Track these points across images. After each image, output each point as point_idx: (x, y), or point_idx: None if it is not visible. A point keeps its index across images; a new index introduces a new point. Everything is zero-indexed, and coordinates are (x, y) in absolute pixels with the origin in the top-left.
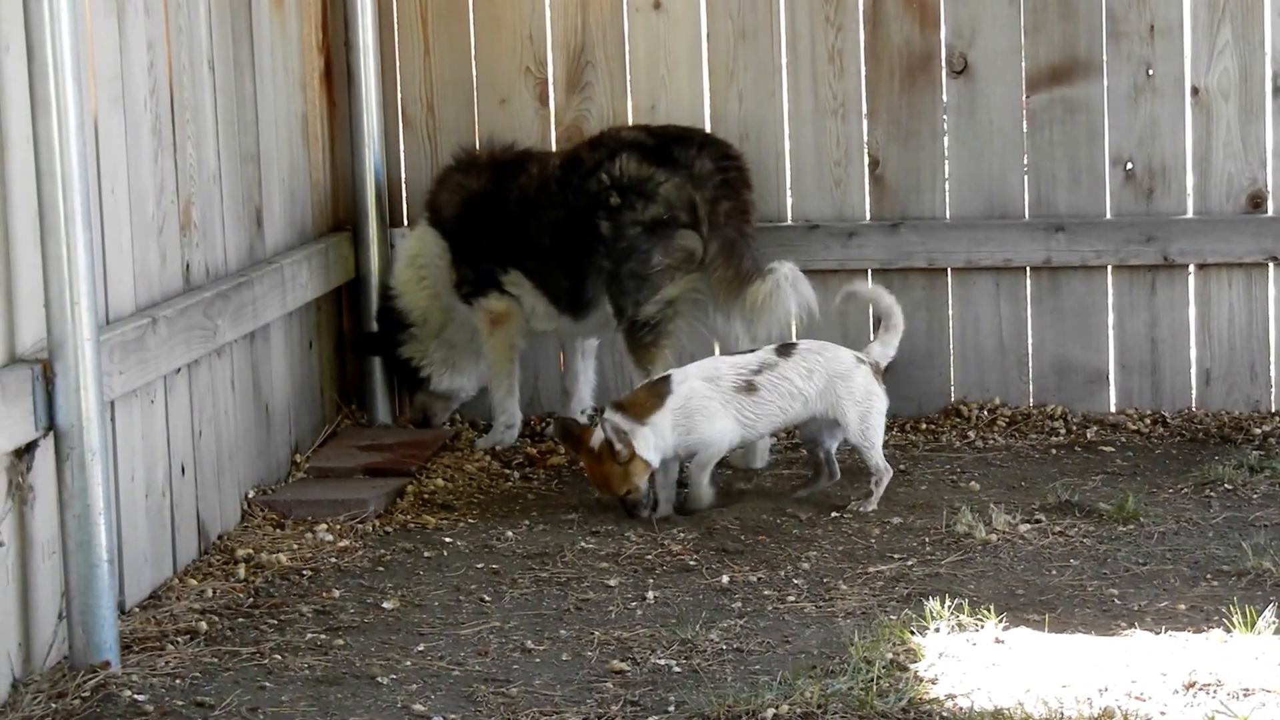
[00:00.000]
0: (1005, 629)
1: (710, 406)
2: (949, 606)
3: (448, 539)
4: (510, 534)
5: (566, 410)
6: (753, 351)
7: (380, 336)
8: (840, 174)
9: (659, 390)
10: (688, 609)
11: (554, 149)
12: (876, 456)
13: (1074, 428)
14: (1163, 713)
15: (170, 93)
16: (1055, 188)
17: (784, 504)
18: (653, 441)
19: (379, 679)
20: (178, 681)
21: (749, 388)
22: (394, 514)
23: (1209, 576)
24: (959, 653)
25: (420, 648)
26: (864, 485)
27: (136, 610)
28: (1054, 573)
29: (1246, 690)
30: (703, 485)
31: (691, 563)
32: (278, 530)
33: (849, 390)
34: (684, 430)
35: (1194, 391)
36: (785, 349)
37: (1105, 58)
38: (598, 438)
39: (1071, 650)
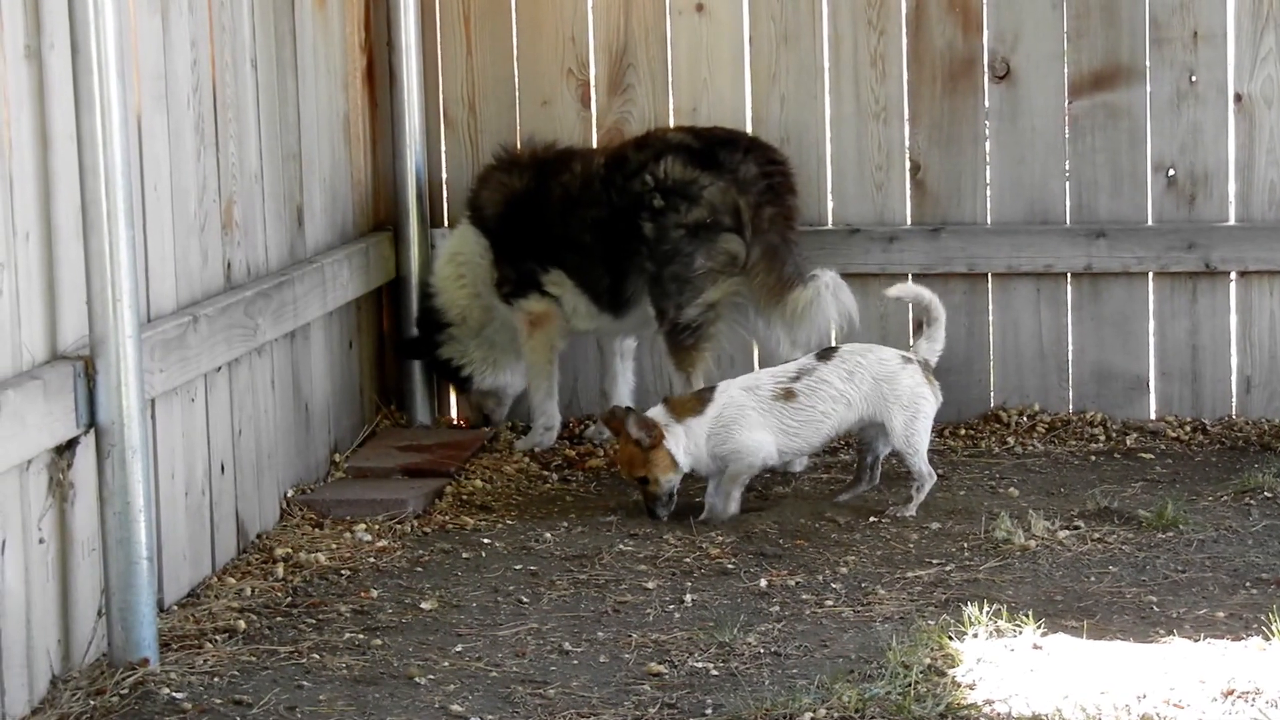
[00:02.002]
0: (1044, 635)
1: (747, 416)
2: (987, 612)
3: (486, 540)
4: (548, 536)
5: None
6: (793, 361)
7: (420, 339)
8: (881, 178)
9: (704, 397)
10: (725, 612)
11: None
12: (920, 462)
13: (1114, 434)
14: None
15: (213, 91)
16: (1097, 194)
17: (823, 508)
18: (683, 443)
19: (417, 679)
20: (216, 680)
21: (787, 395)
22: (432, 515)
23: (1248, 584)
24: (997, 658)
25: (458, 648)
26: (904, 490)
27: (175, 608)
28: (1093, 579)
29: None
30: (732, 499)
31: (729, 566)
32: (316, 530)
33: (895, 393)
34: (719, 440)
35: (1234, 399)
36: (826, 353)
37: (1148, 64)
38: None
39: (1110, 657)
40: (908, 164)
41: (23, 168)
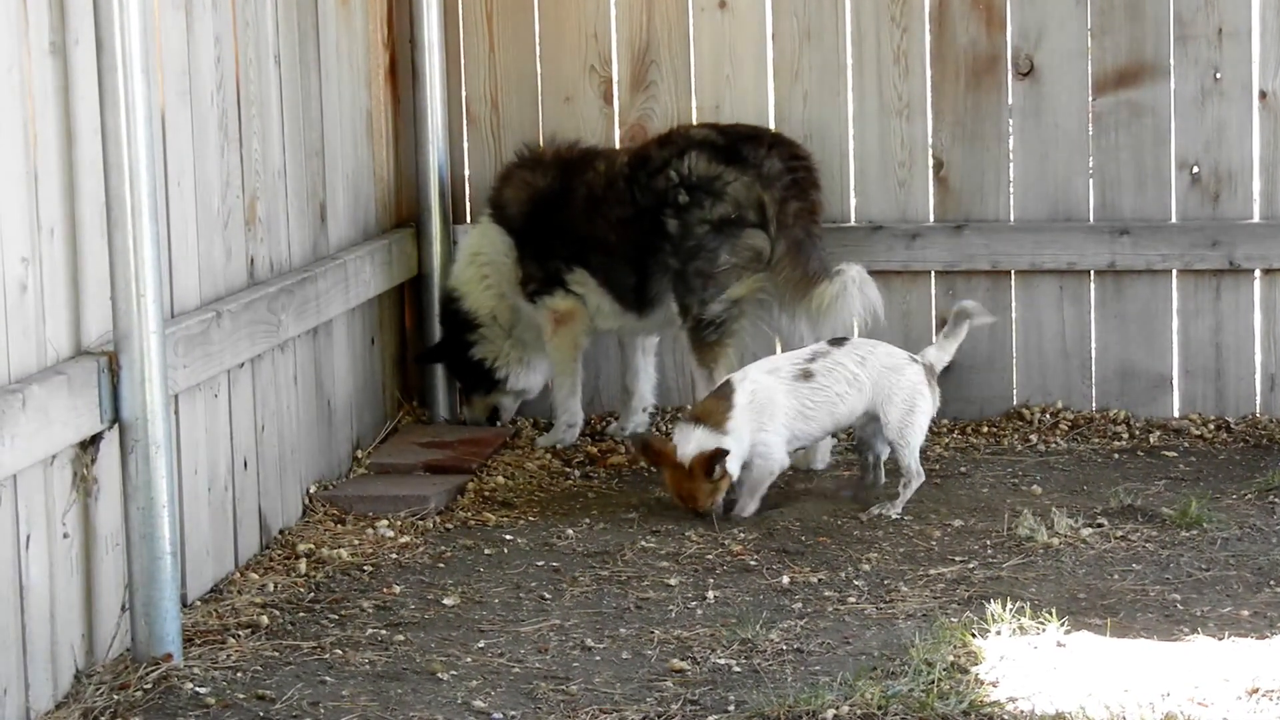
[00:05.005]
0: (1067, 633)
1: (776, 401)
2: (1010, 610)
3: (508, 536)
4: (571, 532)
5: (628, 408)
6: (804, 348)
7: (445, 342)
8: (904, 175)
9: (724, 394)
10: (748, 609)
11: (618, 147)
12: (911, 458)
13: (1137, 432)
14: (1225, 718)
15: (237, 87)
16: (1120, 191)
17: (844, 505)
18: (736, 451)
19: (439, 675)
20: (239, 674)
21: (806, 375)
22: (455, 511)
23: (1272, 583)
24: (1020, 656)
25: (480, 644)
26: (895, 488)
27: (198, 603)
28: (1116, 577)
29: None
30: (753, 503)
31: (752, 563)
32: (339, 525)
33: (898, 385)
34: (757, 426)
35: (1258, 397)
36: (838, 341)
37: (1172, 61)
38: (684, 453)
39: (1133, 655)
40: (930, 161)
41: (47, 163)
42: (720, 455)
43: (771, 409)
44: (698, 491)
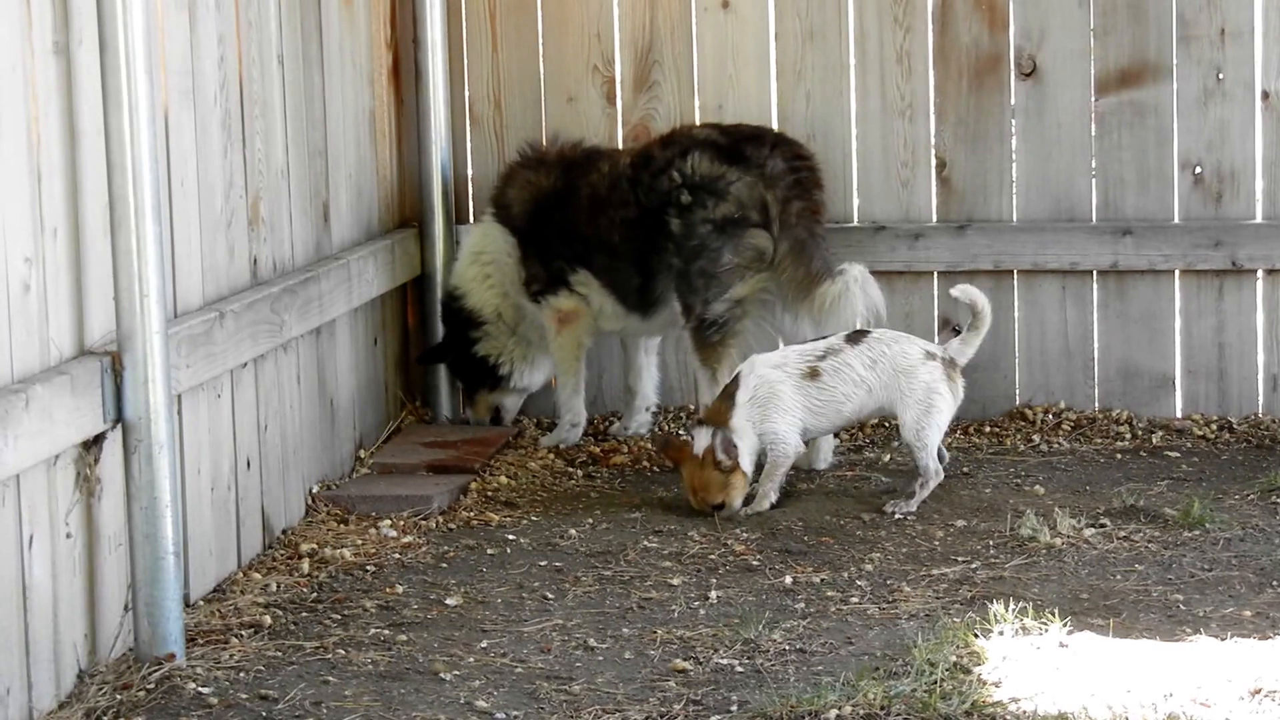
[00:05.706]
0: (1069, 633)
1: (780, 394)
2: (1013, 610)
3: (511, 536)
4: (573, 532)
5: (631, 408)
6: (823, 339)
7: (448, 341)
8: (907, 175)
9: (729, 393)
10: (751, 609)
11: (621, 147)
12: (928, 458)
13: (1139, 432)
14: (1228, 719)
15: (240, 87)
16: (1123, 191)
17: (847, 505)
18: (744, 445)
19: (442, 675)
20: (241, 674)
21: (813, 374)
22: (457, 511)
23: (1275, 583)
24: (1023, 656)
25: (483, 644)
26: (911, 485)
27: (201, 603)
28: (1119, 578)
29: None
30: (769, 496)
31: (754, 563)
32: (342, 525)
33: (910, 387)
34: (758, 419)
35: (1261, 397)
36: (855, 336)
37: (1175, 61)
38: (701, 444)
39: (1136, 655)
40: (933, 161)
41: (51, 163)
42: (726, 442)
43: (776, 401)
44: (710, 483)
